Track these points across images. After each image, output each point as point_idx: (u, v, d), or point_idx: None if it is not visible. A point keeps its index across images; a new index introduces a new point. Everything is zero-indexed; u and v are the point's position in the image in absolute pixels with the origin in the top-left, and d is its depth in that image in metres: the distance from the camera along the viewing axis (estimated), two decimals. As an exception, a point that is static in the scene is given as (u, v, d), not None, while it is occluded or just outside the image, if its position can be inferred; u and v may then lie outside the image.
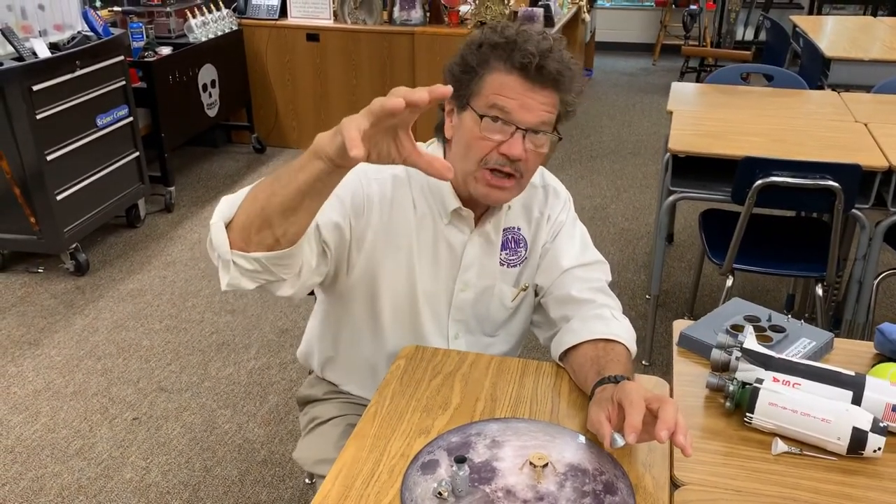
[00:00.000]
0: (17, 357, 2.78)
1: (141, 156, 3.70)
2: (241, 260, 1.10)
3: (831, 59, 3.68)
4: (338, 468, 1.10)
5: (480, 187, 1.28)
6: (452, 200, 1.35)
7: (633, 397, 1.04)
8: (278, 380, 2.67)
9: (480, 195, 1.30)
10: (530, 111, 1.23)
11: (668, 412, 1.01)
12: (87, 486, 2.19)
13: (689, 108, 2.92)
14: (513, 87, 1.22)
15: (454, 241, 1.39)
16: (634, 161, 4.82)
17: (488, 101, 1.23)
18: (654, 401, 1.03)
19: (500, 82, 1.23)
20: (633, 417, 1.01)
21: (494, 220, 1.40)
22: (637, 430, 1.00)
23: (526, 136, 1.24)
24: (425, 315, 1.42)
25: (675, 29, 7.33)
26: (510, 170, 1.26)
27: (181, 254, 3.56)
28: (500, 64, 1.23)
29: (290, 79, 4.77)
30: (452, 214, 1.36)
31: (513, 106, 1.22)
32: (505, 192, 1.29)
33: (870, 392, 1.17)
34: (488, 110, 1.23)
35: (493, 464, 1.10)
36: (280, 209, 1.04)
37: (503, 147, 1.24)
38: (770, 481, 1.09)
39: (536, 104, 1.23)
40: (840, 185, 2.22)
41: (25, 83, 2.96)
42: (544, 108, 1.24)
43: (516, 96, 1.22)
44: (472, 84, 1.25)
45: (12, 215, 3.16)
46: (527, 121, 1.23)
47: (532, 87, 1.22)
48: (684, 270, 3.47)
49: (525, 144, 1.24)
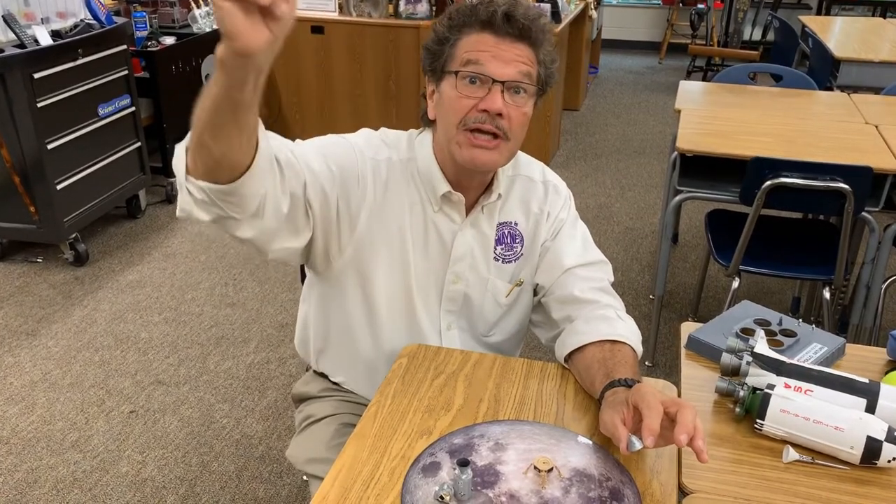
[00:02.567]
0: (14, 347, 2.76)
1: (142, 146, 3.67)
2: (192, 187, 1.05)
3: (841, 60, 3.64)
4: (337, 469, 1.07)
5: (464, 151, 1.24)
6: (442, 184, 1.31)
7: (651, 400, 1.02)
8: (277, 374, 2.64)
9: (466, 160, 1.25)
10: (506, 63, 1.21)
11: (688, 416, 0.98)
12: (82, 480, 2.17)
13: (697, 108, 2.89)
14: (484, 41, 1.22)
15: (444, 230, 1.35)
16: (639, 160, 4.79)
17: (462, 60, 1.22)
18: (672, 405, 1.01)
19: (471, 41, 1.23)
20: (651, 420, 0.99)
21: (487, 210, 1.36)
22: (655, 433, 0.98)
23: (505, 90, 1.21)
24: (419, 303, 1.39)
25: (682, 28, 7.29)
26: (492, 127, 1.22)
27: (181, 246, 3.53)
28: (469, 27, 1.23)
29: (294, 71, 4.74)
30: (443, 200, 1.32)
31: (486, 58, 1.21)
32: (490, 152, 1.24)
33: (884, 400, 1.14)
34: (463, 67, 1.22)
35: (497, 467, 1.07)
36: (208, 126, 0.99)
37: (482, 103, 1.21)
38: (780, 490, 1.06)
39: (510, 55, 1.21)
40: (850, 187, 2.19)
41: (27, 71, 2.92)
42: (519, 59, 1.22)
43: (489, 48, 1.21)
44: (446, 51, 1.25)
45: (12, 204, 3.13)
46: (503, 73, 1.21)
47: (503, 39, 1.22)
48: (689, 271, 3.44)
49: (505, 99, 1.21)
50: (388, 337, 1.40)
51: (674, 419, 1.00)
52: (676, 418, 0.99)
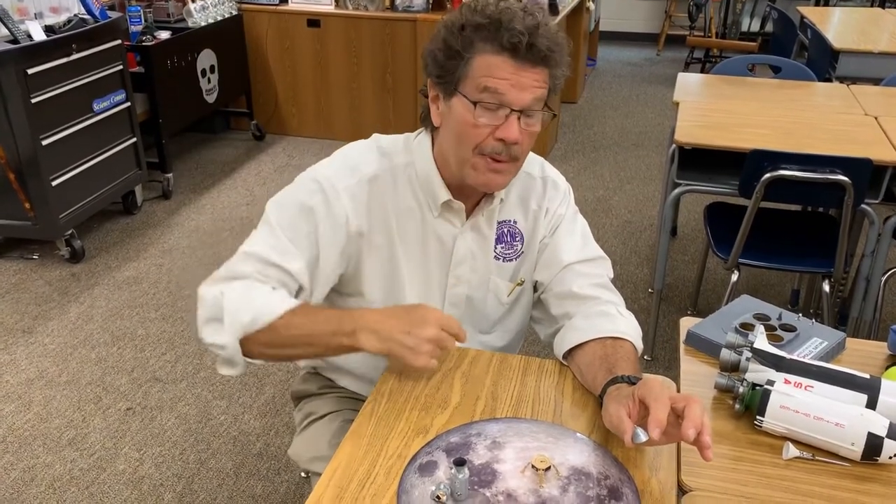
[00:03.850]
0: (9, 345, 2.74)
1: (138, 142, 3.65)
2: (250, 363, 1.22)
3: (840, 52, 3.62)
4: (332, 469, 1.06)
5: (479, 175, 1.23)
6: (443, 193, 1.30)
7: (658, 394, 1.01)
8: (274, 371, 2.63)
9: (479, 184, 1.25)
10: (524, 90, 1.18)
11: (696, 411, 0.97)
12: (79, 478, 2.16)
13: (696, 100, 2.87)
14: (503, 69, 1.17)
15: (444, 234, 1.34)
16: (638, 152, 4.77)
17: (479, 85, 1.18)
18: (680, 400, 0.99)
19: (488, 64, 1.17)
20: (658, 413, 0.98)
21: (487, 212, 1.35)
22: (662, 425, 0.97)
23: (521, 117, 1.19)
24: None
25: (681, 19, 7.25)
26: (505, 157, 1.21)
27: (178, 241, 3.52)
28: (487, 45, 1.17)
29: (291, 65, 4.71)
30: (443, 207, 1.31)
31: (505, 87, 1.17)
32: (502, 176, 1.25)
33: (885, 396, 1.12)
34: (481, 95, 1.18)
35: (494, 466, 1.06)
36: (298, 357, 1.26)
37: (499, 132, 1.19)
38: (781, 487, 1.05)
39: (529, 82, 1.18)
40: (850, 179, 2.18)
41: (20, 66, 2.90)
42: (536, 84, 1.19)
43: (508, 76, 1.17)
44: (459, 69, 1.19)
45: (7, 201, 3.11)
46: (520, 101, 1.18)
47: (523, 66, 1.17)
48: (687, 264, 3.43)
49: (520, 125, 1.19)
50: None
51: (680, 415, 0.99)
52: (684, 413, 0.98)
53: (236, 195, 4.00)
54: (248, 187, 4.11)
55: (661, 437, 0.99)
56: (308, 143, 4.79)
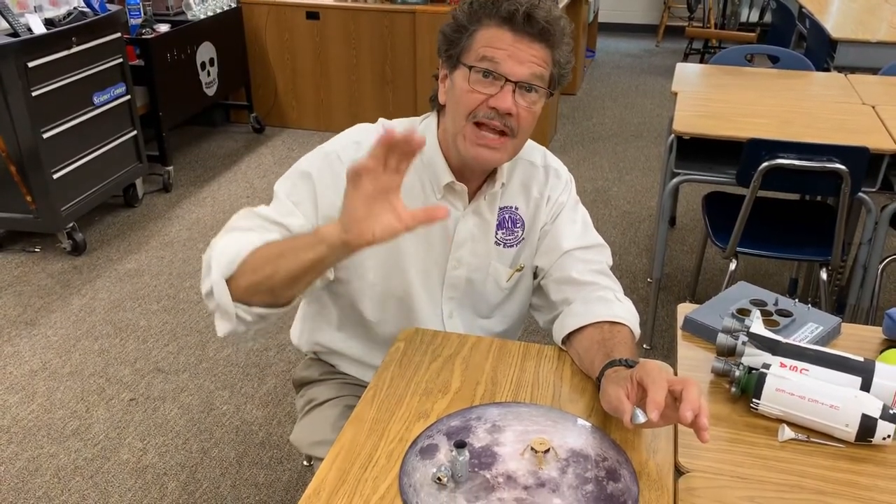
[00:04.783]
0: (13, 337, 2.76)
1: (138, 134, 3.66)
2: (243, 312, 1.16)
3: (838, 41, 3.63)
4: (335, 452, 1.07)
5: (470, 147, 1.25)
6: (445, 174, 1.32)
7: (656, 376, 1.02)
8: (276, 361, 2.65)
9: (470, 156, 1.26)
10: (520, 63, 1.20)
11: (693, 393, 0.99)
12: (83, 467, 2.17)
13: (694, 90, 2.88)
14: (502, 39, 1.21)
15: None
16: (637, 143, 4.78)
17: (478, 55, 1.22)
18: (678, 383, 1.01)
19: (489, 35, 1.22)
20: (656, 394, 0.99)
21: (489, 196, 1.37)
22: (660, 407, 0.98)
23: (517, 90, 1.21)
24: (418, 292, 1.39)
25: (679, 10, 7.25)
26: (500, 125, 1.23)
27: (179, 234, 3.53)
28: (489, 19, 1.22)
29: (290, 58, 4.72)
30: (445, 189, 1.33)
31: (502, 56, 1.20)
32: (496, 151, 1.26)
33: (879, 378, 1.14)
34: (478, 63, 1.21)
35: (494, 449, 1.08)
36: (282, 283, 1.13)
37: (492, 100, 1.21)
38: (776, 468, 1.07)
39: (526, 56, 1.21)
40: (847, 167, 2.19)
41: (21, 59, 2.91)
42: (534, 60, 1.21)
43: (505, 47, 1.20)
44: (463, 41, 1.24)
45: (8, 194, 3.13)
46: (517, 73, 1.20)
47: (521, 39, 1.21)
48: (686, 254, 3.44)
49: (516, 99, 1.21)
50: (388, 330, 1.40)
51: (678, 398, 1.00)
52: (682, 395, 0.99)
53: (236, 188, 4.02)
54: (248, 180, 4.13)
55: (659, 420, 1.00)
56: (308, 135, 4.80)
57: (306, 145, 4.62)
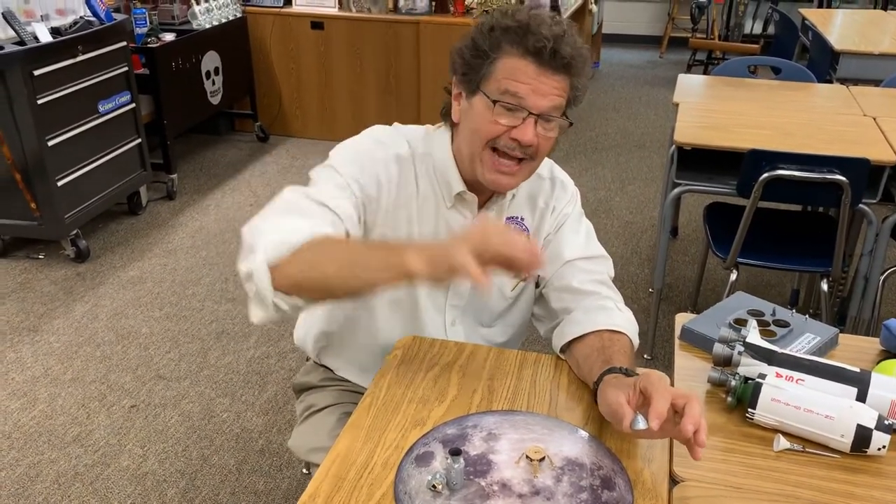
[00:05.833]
0: (15, 343, 2.77)
1: (143, 143, 3.68)
2: (282, 302, 1.13)
3: (840, 53, 3.64)
4: (331, 459, 1.08)
5: (488, 173, 1.27)
6: (457, 184, 1.34)
7: (660, 387, 1.03)
8: (277, 369, 2.66)
9: (488, 181, 1.28)
10: (543, 96, 1.21)
11: (695, 409, 1.00)
12: (83, 473, 2.18)
13: (696, 101, 2.89)
14: (526, 72, 1.21)
15: (455, 225, 1.37)
16: (640, 154, 4.79)
17: (500, 87, 1.22)
18: (681, 397, 1.01)
19: (512, 66, 1.21)
20: (659, 405, 0.99)
21: (497, 207, 1.38)
22: (662, 417, 0.99)
23: (538, 121, 1.22)
24: (423, 299, 1.40)
25: (684, 21, 7.27)
26: (520, 154, 1.25)
27: (182, 241, 3.55)
28: (512, 48, 1.21)
29: (294, 67, 4.74)
30: (456, 198, 1.35)
31: (526, 91, 1.21)
32: (513, 177, 1.28)
33: (875, 389, 1.14)
34: (501, 96, 1.22)
35: (489, 457, 1.08)
36: (344, 292, 1.16)
37: (514, 132, 1.22)
38: (771, 478, 1.07)
39: (549, 89, 1.21)
40: (847, 179, 2.19)
41: (27, 68, 2.93)
42: (556, 92, 1.22)
43: (529, 81, 1.21)
44: (484, 68, 1.23)
45: (13, 201, 3.14)
46: (539, 106, 1.21)
47: (545, 72, 1.21)
48: (688, 264, 3.45)
49: (536, 129, 1.22)
50: (391, 335, 1.41)
51: (679, 412, 1.00)
52: (684, 410, 1.00)
53: (240, 196, 4.03)
54: (252, 188, 4.14)
55: (657, 432, 1.01)
56: (311, 144, 4.82)
57: (310, 154, 4.64)
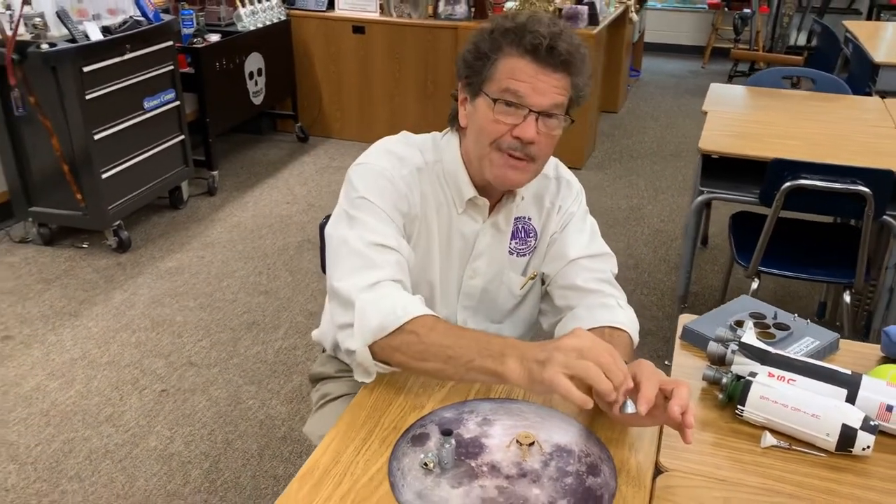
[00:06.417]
0: (57, 326, 2.90)
1: (186, 139, 3.80)
2: (383, 368, 1.23)
3: (880, 66, 3.60)
4: (331, 436, 1.14)
5: (496, 170, 1.31)
6: (469, 189, 1.38)
7: (649, 373, 1.08)
8: (303, 360, 2.74)
9: (495, 178, 1.32)
10: (543, 94, 1.25)
11: (683, 392, 1.05)
12: (113, 452, 2.28)
13: (726, 110, 2.91)
14: (525, 71, 1.25)
15: (467, 230, 1.41)
16: (675, 163, 4.78)
17: (501, 86, 1.26)
18: (669, 383, 1.06)
19: (512, 66, 1.25)
20: (647, 390, 1.04)
21: (506, 209, 1.42)
22: (651, 401, 1.03)
23: (539, 119, 1.26)
24: (439, 301, 1.45)
25: (727, 32, 7.21)
26: (521, 154, 1.29)
27: (220, 236, 3.66)
28: (511, 49, 1.25)
29: (335, 70, 4.85)
30: (468, 203, 1.39)
31: (525, 89, 1.24)
32: (519, 172, 1.31)
33: (865, 391, 1.16)
34: (502, 94, 1.26)
35: (482, 440, 1.13)
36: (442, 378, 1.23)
37: (516, 130, 1.26)
38: (755, 473, 1.10)
39: (548, 87, 1.25)
40: (871, 190, 2.19)
41: (77, 64, 3.07)
42: (556, 90, 1.26)
43: (529, 79, 1.24)
44: (485, 70, 1.28)
45: (60, 192, 3.29)
46: (539, 104, 1.25)
47: (544, 70, 1.24)
48: (717, 273, 3.44)
49: (538, 127, 1.26)
50: None
51: (668, 397, 1.05)
52: (672, 394, 1.05)
53: (278, 194, 4.14)
54: (290, 187, 4.25)
55: (646, 418, 1.05)
56: (349, 145, 4.92)
57: (348, 155, 4.73)
